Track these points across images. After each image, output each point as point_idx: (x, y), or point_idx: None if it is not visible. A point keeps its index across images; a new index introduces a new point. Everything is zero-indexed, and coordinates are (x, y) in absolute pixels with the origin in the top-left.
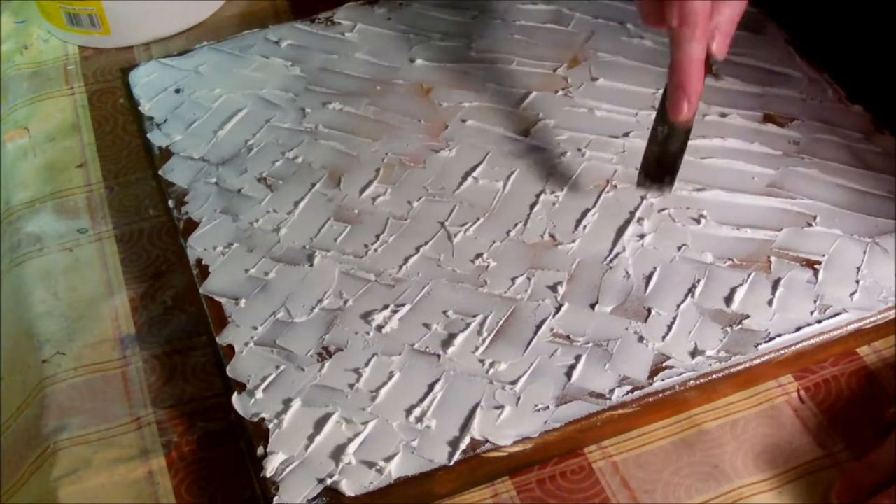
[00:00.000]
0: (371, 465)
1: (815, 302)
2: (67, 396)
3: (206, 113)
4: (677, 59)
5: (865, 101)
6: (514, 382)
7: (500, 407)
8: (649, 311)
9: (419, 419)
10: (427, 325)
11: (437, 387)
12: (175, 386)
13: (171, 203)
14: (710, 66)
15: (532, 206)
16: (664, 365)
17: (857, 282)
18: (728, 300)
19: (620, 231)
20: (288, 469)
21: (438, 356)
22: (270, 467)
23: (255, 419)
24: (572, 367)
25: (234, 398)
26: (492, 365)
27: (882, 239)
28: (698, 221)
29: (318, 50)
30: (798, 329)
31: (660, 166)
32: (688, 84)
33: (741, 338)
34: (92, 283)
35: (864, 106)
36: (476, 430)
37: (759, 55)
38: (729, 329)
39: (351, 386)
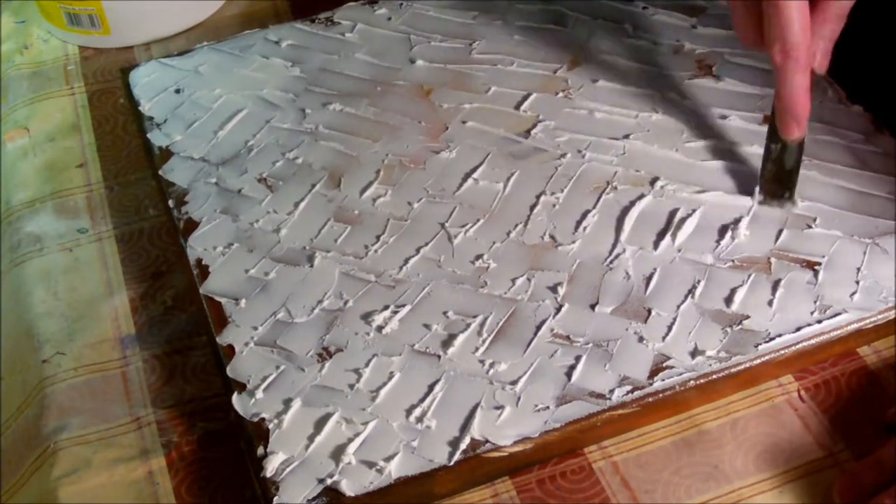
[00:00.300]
0: (371, 465)
1: (815, 302)
2: (67, 396)
3: (207, 113)
4: (786, 90)
5: (865, 102)
6: (514, 383)
7: (501, 407)
8: (649, 311)
9: (419, 419)
10: (427, 326)
11: (438, 387)
12: (175, 386)
13: (171, 203)
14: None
15: (532, 208)
16: (664, 365)
17: (858, 282)
18: (728, 301)
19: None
20: (288, 469)
21: (438, 356)
22: (270, 467)
23: (256, 419)
24: (572, 368)
25: (235, 398)
26: (492, 365)
27: (882, 239)
28: (698, 222)
29: (318, 50)
30: (798, 329)
31: (777, 182)
32: (796, 109)
33: (741, 338)
34: (92, 283)
35: (864, 106)
36: (476, 431)
37: (759, 56)
38: (729, 329)
39: (351, 386)
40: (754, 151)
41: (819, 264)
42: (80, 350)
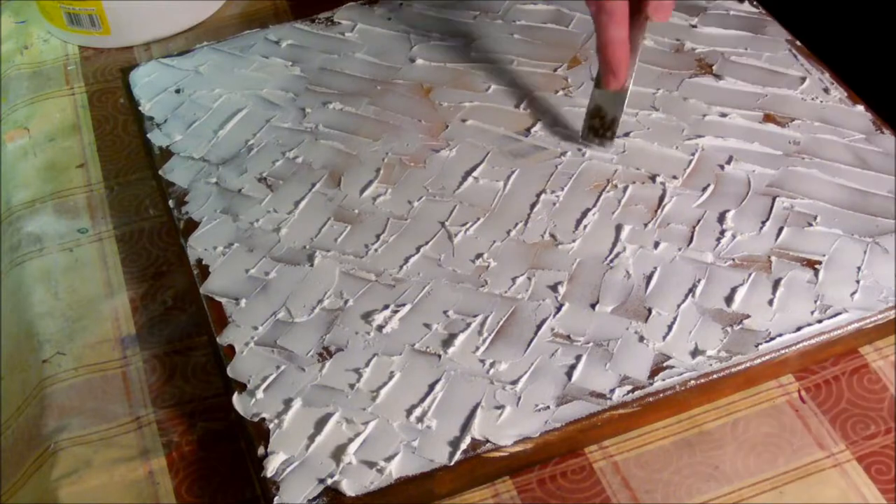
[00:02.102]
0: (372, 464)
1: (815, 302)
2: (67, 396)
3: (207, 113)
4: (600, 40)
5: (866, 101)
6: (514, 382)
7: (501, 407)
8: (650, 310)
9: (420, 419)
10: (427, 325)
11: (438, 387)
12: (175, 386)
13: (171, 203)
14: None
15: (532, 206)
16: (665, 365)
17: (858, 281)
18: (728, 300)
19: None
20: (288, 469)
21: (439, 356)
22: (271, 467)
23: (256, 419)
24: (573, 367)
25: (235, 398)
26: (492, 365)
27: (882, 239)
28: (699, 221)
29: (318, 50)
30: (799, 329)
31: (602, 123)
32: (613, 61)
33: (742, 337)
34: (92, 283)
35: (864, 106)
36: (476, 430)
37: (759, 55)
38: (729, 329)
39: (351, 386)
40: (754, 149)
41: (819, 263)
42: (80, 350)
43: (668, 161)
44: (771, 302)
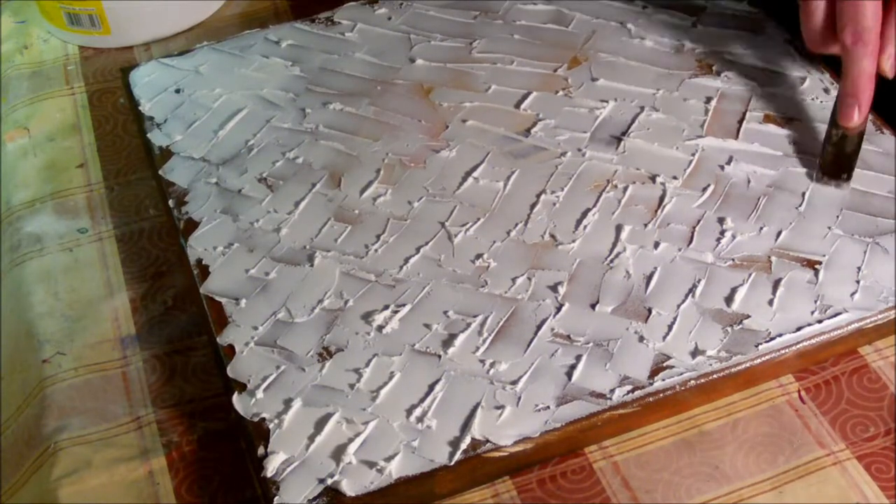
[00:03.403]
0: (372, 464)
1: (815, 302)
2: (67, 396)
3: (207, 113)
4: (852, 73)
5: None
6: (514, 382)
7: (501, 407)
8: (650, 310)
9: (420, 419)
10: (427, 326)
11: (438, 387)
12: (175, 386)
13: (171, 203)
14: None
15: (532, 206)
16: (665, 365)
17: (858, 282)
18: (728, 300)
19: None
20: (288, 469)
21: (439, 356)
22: (271, 467)
23: (256, 419)
24: (573, 367)
25: (235, 398)
26: (492, 365)
27: (882, 239)
28: (699, 221)
29: (318, 50)
30: (799, 329)
31: (836, 165)
32: (860, 95)
33: (742, 337)
34: (92, 283)
35: None
36: (476, 430)
37: (759, 55)
38: (729, 329)
39: (351, 386)
40: (754, 150)
41: (819, 263)
42: (80, 350)
43: (668, 161)
44: (771, 302)
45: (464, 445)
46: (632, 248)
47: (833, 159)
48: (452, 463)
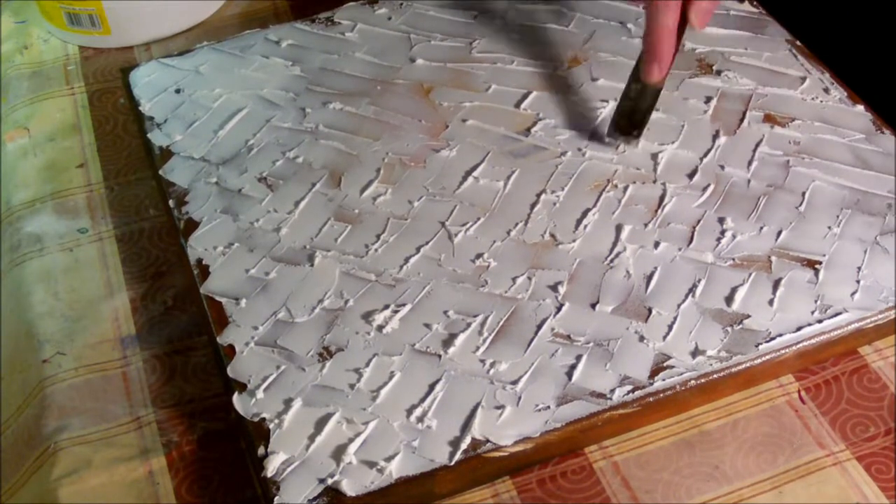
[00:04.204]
0: (372, 464)
1: (815, 302)
2: (67, 396)
3: (207, 113)
4: (650, 26)
5: (866, 101)
6: (514, 382)
7: (501, 407)
8: (650, 310)
9: (420, 419)
10: (428, 325)
11: (438, 387)
12: (175, 386)
13: (171, 203)
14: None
15: (532, 206)
16: (665, 365)
17: (858, 281)
18: (729, 300)
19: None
20: (289, 469)
21: (439, 356)
22: (271, 467)
23: (256, 419)
24: (573, 367)
25: (235, 398)
26: (492, 365)
27: (882, 239)
28: (699, 221)
29: (318, 50)
30: (799, 329)
31: (630, 120)
32: (659, 50)
33: (742, 337)
34: (92, 283)
35: (864, 106)
36: (477, 430)
37: (759, 55)
38: (730, 329)
39: (352, 386)
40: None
41: (819, 263)
42: (80, 350)
43: (668, 161)
44: (771, 302)
45: (464, 445)
46: (632, 247)
47: (627, 114)
48: (452, 463)
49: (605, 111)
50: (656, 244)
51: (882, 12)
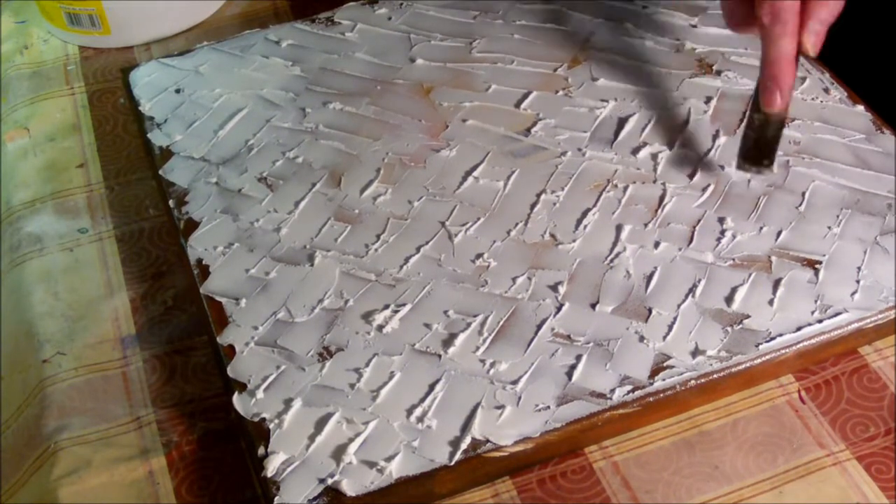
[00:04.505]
0: (372, 464)
1: (815, 302)
2: (68, 396)
3: (207, 113)
4: (770, 54)
5: (866, 101)
6: (514, 382)
7: (501, 407)
8: (650, 310)
9: (420, 419)
10: (428, 325)
11: (438, 386)
12: (175, 386)
13: (171, 203)
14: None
15: (532, 206)
16: (665, 365)
17: (858, 281)
18: (729, 300)
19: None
20: (289, 469)
21: (439, 356)
22: (271, 467)
23: (256, 419)
24: (573, 367)
25: (235, 398)
26: (492, 365)
27: (882, 239)
28: (699, 221)
29: (318, 50)
30: (799, 329)
31: (758, 150)
32: (780, 78)
33: (742, 337)
34: (92, 283)
35: (864, 106)
36: (477, 430)
37: (759, 55)
38: (730, 329)
39: (352, 386)
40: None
41: (819, 263)
42: (80, 350)
43: (668, 161)
44: (771, 302)
45: (464, 445)
46: (632, 247)
47: (754, 145)
48: (452, 463)
49: (605, 111)
50: (656, 244)
51: (882, 12)
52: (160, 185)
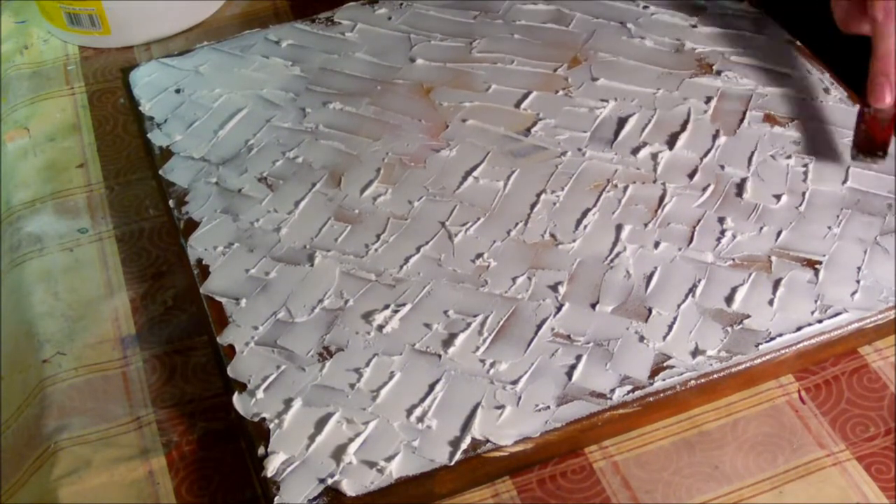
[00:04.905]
0: (372, 464)
1: (815, 302)
2: (68, 396)
3: (207, 113)
4: (882, 50)
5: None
6: (514, 382)
7: (501, 407)
8: (650, 310)
9: (420, 419)
10: (428, 325)
11: (438, 386)
12: (175, 386)
13: (171, 203)
14: None
15: (532, 206)
16: (665, 365)
17: (858, 281)
18: (729, 300)
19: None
20: (289, 469)
21: (439, 356)
22: (271, 467)
23: (256, 419)
24: (573, 367)
25: (235, 398)
26: (492, 365)
27: (882, 239)
28: (699, 221)
29: (318, 50)
30: (799, 329)
31: (870, 142)
32: (892, 73)
33: (742, 337)
34: (92, 283)
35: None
36: (477, 430)
37: (759, 55)
38: (730, 329)
39: (352, 386)
40: (754, 149)
41: (819, 263)
42: (80, 350)
43: (668, 161)
44: (771, 302)
45: (464, 445)
46: (632, 247)
47: (865, 136)
48: (452, 463)
49: (605, 111)
50: (656, 244)
51: None
52: (160, 185)
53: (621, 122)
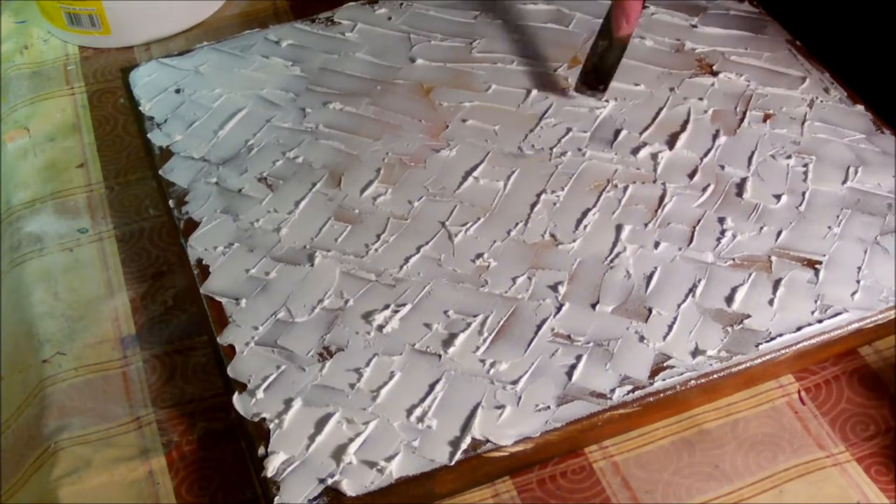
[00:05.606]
0: (372, 464)
1: (815, 302)
2: (68, 396)
3: (207, 113)
4: None
5: (866, 101)
6: (514, 382)
7: (501, 407)
8: (650, 310)
9: (420, 419)
10: (428, 325)
11: (438, 386)
12: (175, 386)
13: (171, 203)
14: None
15: (533, 206)
16: (665, 365)
17: (858, 281)
18: (729, 300)
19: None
20: (289, 469)
21: (439, 356)
22: (271, 467)
23: (256, 419)
24: (573, 367)
25: (235, 398)
26: (493, 365)
27: (882, 239)
28: (699, 221)
29: (318, 50)
30: (799, 329)
31: (597, 75)
32: (630, 6)
33: (742, 337)
34: (92, 283)
35: (864, 106)
36: (477, 430)
37: (759, 55)
38: (730, 329)
39: (352, 386)
40: (754, 149)
41: (819, 263)
42: (80, 350)
43: (668, 161)
44: (771, 302)
45: (464, 445)
46: (632, 247)
47: (593, 69)
48: (453, 463)
49: (605, 111)
50: (656, 244)
51: (882, 12)
52: (160, 185)
53: (621, 123)
